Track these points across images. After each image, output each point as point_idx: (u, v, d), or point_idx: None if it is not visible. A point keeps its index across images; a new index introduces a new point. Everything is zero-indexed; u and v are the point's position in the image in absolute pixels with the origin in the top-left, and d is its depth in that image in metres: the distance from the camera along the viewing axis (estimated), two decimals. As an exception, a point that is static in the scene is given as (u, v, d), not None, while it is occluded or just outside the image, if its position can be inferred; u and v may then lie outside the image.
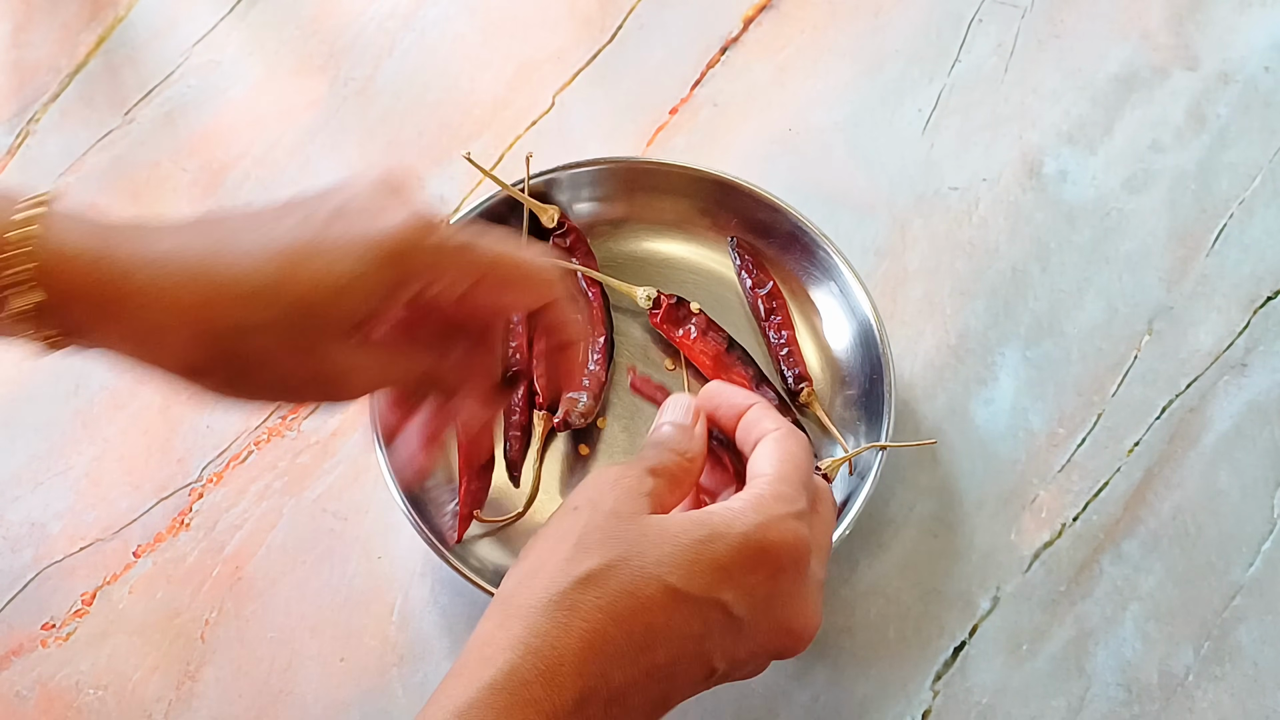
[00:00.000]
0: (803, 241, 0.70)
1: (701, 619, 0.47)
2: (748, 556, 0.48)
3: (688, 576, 0.47)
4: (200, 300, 0.46)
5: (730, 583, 0.47)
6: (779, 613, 0.49)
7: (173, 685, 0.63)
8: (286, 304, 0.46)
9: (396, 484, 0.62)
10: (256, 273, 0.46)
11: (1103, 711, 0.64)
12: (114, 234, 0.46)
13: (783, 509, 0.49)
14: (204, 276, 0.46)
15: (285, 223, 0.47)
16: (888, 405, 0.65)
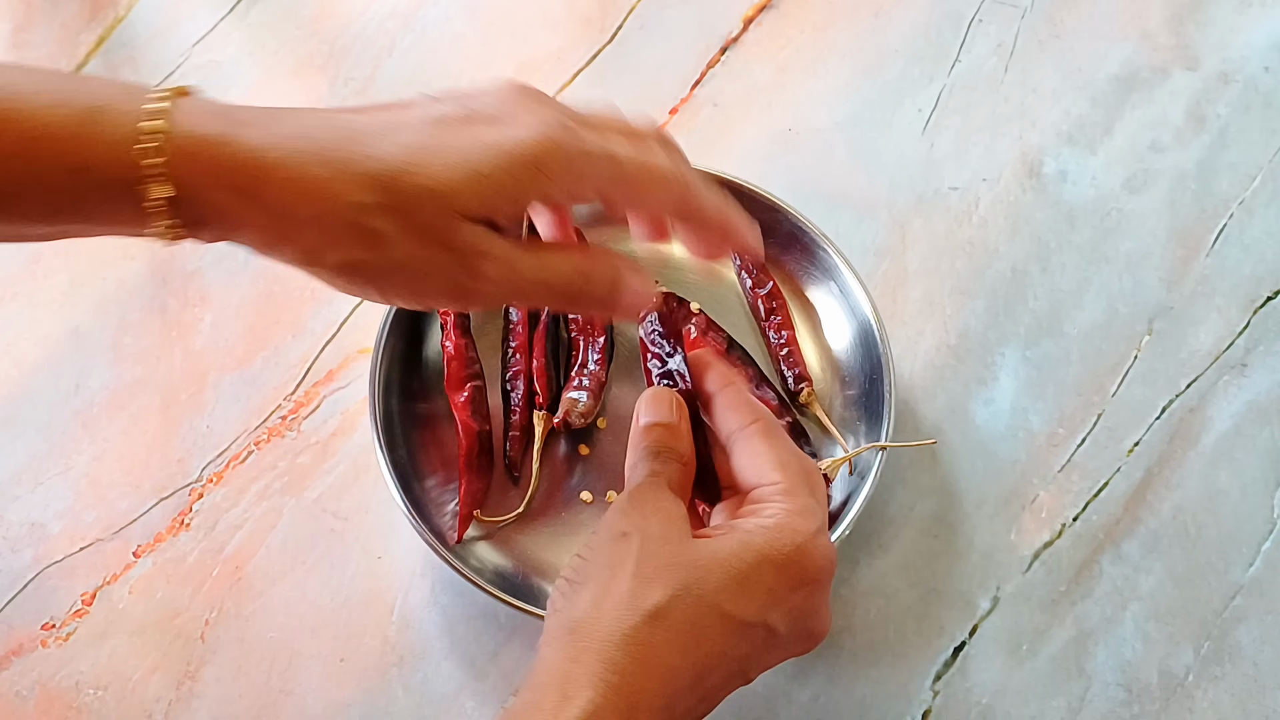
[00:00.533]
0: (803, 241, 0.70)
1: (749, 640, 0.49)
2: (792, 578, 0.50)
3: (744, 604, 0.49)
4: (325, 179, 0.45)
5: (777, 605, 0.49)
6: (810, 624, 0.51)
7: (173, 685, 0.63)
8: (412, 187, 0.45)
9: (396, 484, 0.62)
10: (384, 158, 0.45)
11: (1103, 711, 0.64)
12: (241, 120, 0.46)
13: (813, 525, 0.51)
14: (330, 158, 0.45)
15: (414, 116, 0.47)
16: (888, 405, 0.65)
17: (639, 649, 0.47)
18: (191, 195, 0.44)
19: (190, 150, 0.44)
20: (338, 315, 0.73)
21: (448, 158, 0.45)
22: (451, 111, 0.47)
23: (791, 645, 0.51)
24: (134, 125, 0.44)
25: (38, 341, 0.71)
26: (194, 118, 0.45)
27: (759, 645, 0.50)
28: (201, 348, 0.71)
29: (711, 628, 0.48)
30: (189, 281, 0.73)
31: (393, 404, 0.65)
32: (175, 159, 0.44)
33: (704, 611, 0.48)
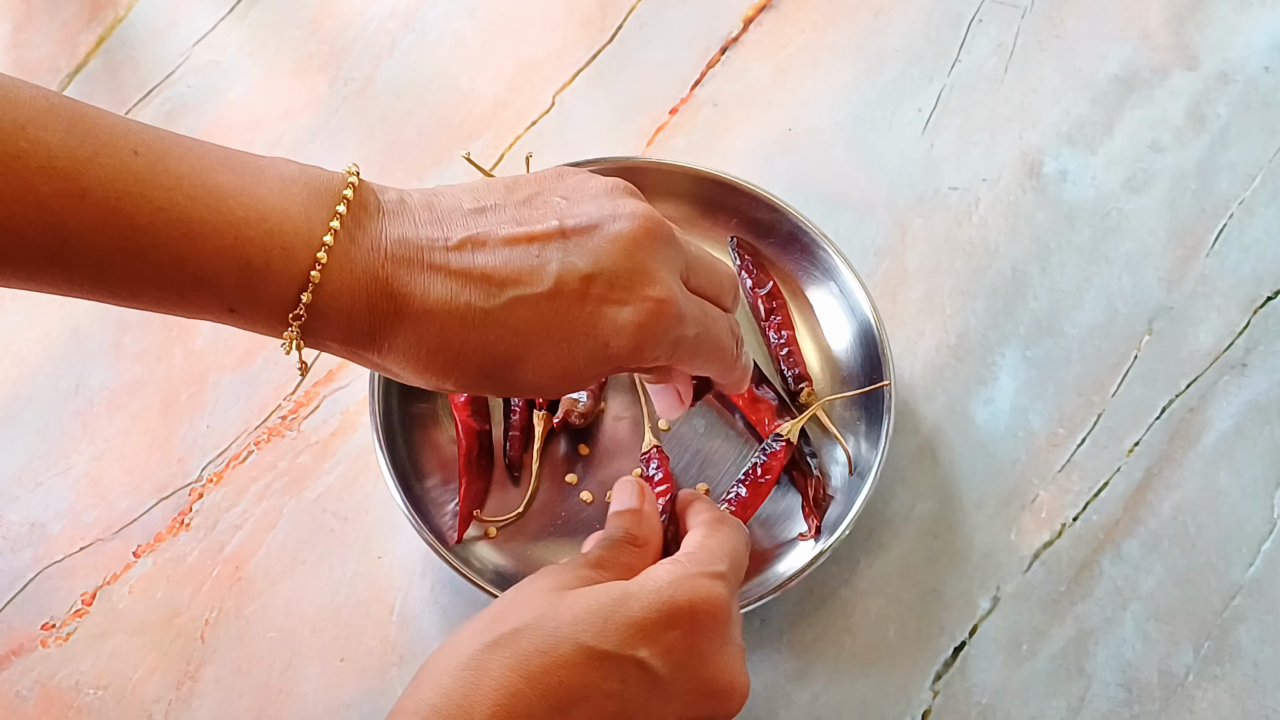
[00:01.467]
0: (803, 241, 0.70)
1: (619, 676, 0.46)
2: (663, 614, 0.47)
3: (601, 634, 0.46)
4: (437, 364, 0.47)
5: (646, 640, 0.47)
6: (701, 671, 0.48)
7: (173, 685, 0.63)
8: (511, 378, 0.48)
9: (396, 484, 0.62)
10: (495, 347, 0.47)
11: (1103, 711, 0.64)
12: (381, 296, 0.46)
13: (697, 569, 0.50)
14: (448, 346, 0.47)
15: (538, 286, 0.47)
16: (888, 405, 0.65)
17: (471, 674, 0.45)
18: (326, 339, 0.47)
19: (331, 316, 0.46)
20: (338, 315, 0.72)
21: (550, 356, 0.48)
22: (568, 278, 0.47)
23: (686, 696, 0.48)
24: (291, 291, 0.45)
25: (38, 341, 0.71)
26: (342, 288, 0.46)
27: (635, 684, 0.47)
28: (201, 348, 0.71)
29: (566, 656, 0.46)
30: (189, 281, 0.73)
31: (392, 404, 0.65)
32: (317, 318, 0.46)
33: (557, 641, 0.46)
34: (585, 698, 0.46)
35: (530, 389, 0.49)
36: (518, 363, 0.47)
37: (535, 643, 0.46)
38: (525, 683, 0.45)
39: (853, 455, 0.67)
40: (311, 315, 0.46)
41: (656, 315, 0.48)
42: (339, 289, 0.46)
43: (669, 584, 0.48)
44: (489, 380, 0.48)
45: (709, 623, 0.48)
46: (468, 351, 0.47)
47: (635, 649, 0.46)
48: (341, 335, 0.47)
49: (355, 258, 0.46)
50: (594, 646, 0.46)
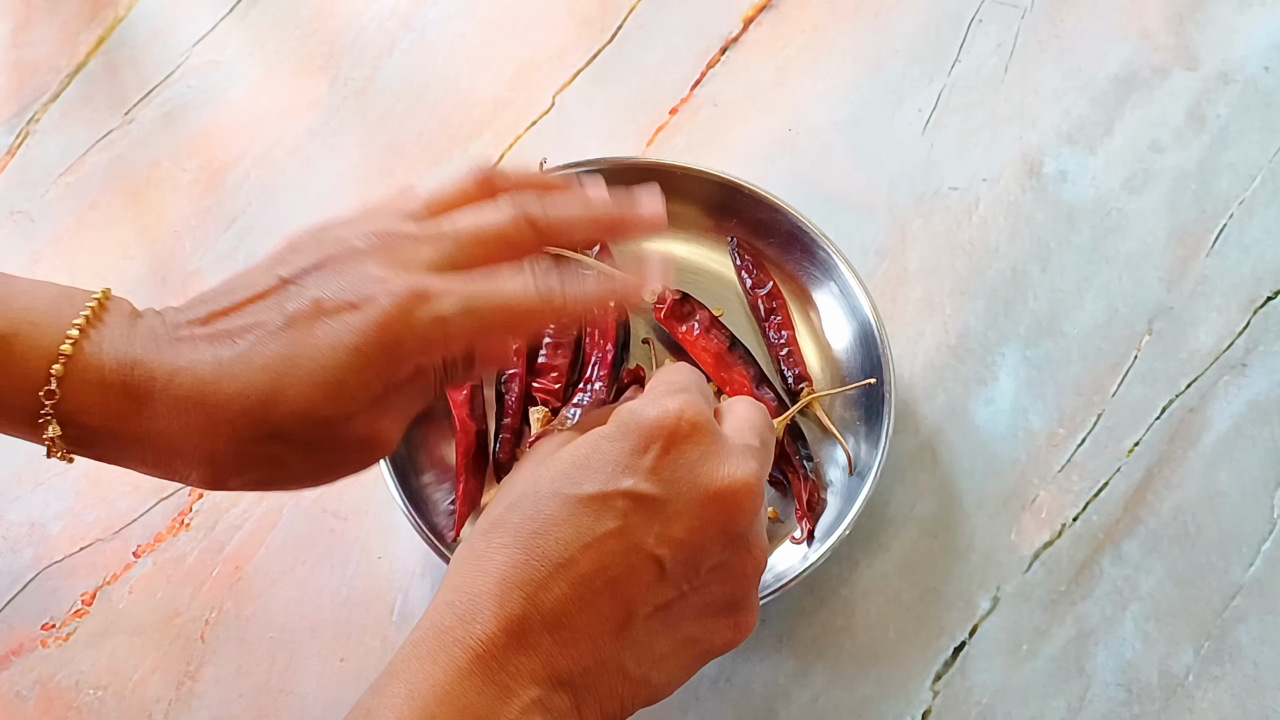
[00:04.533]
0: (803, 242, 0.70)
1: (611, 511, 0.46)
2: (635, 439, 0.47)
3: (580, 480, 0.46)
4: (200, 427, 0.46)
5: (627, 470, 0.46)
6: (694, 478, 0.47)
7: (173, 685, 0.63)
8: (280, 418, 0.46)
9: (396, 483, 0.62)
10: (247, 391, 0.46)
11: (1103, 711, 0.64)
12: (138, 362, 0.47)
13: (656, 393, 0.49)
14: (204, 401, 0.46)
15: (269, 324, 0.47)
16: (888, 405, 0.65)
17: (473, 561, 0.46)
18: (81, 436, 0.48)
19: (81, 403, 0.47)
20: (338, 315, 0.72)
21: (303, 376, 0.46)
22: (299, 309, 0.47)
23: (690, 505, 0.46)
24: (39, 369, 0.46)
25: (38, 341, 0.71)
26: (94, 369, 0.46)
27: (633, 514, 0.46)
28: (201, 348, 0.71)
29: (553, 514, 0.45)
30: (189, 281, 0.73)
31: (393, 404, 0.65)
32: (69, 407, 0.47)
33: (542, 503, 0.46)
34: (585, 544, 0.45)
35: (306, 424, 0.47)
36: (279, 396, 0.46)
37: (524, 512, 0.46)
38: (523, 552, 0.45)
39: (852, 455, 0.67)
40: (65, 394, 0.46)
41: (396, 305, 0.47)
42: (90, 363, 0.46)
43: (633, 412, 0.48)
44: (257, 432, 0.46)
45: (684, 430, 0.47)
46: (224, 400, 0.46)
47: (620, 481, 0.46)
48: (98, 416, 0.47)
49: (106, 338, 0.47)
50: (578, 494, 0.46)
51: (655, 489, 0.46)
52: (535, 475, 0.48)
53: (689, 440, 0.47)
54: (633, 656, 0.46)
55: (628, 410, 0.48)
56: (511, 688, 0.43)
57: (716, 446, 0.48)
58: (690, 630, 0.48)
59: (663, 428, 0.47)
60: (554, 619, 0.44)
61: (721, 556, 0.47)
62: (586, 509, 0.46)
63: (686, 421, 0.47)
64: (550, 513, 0.46)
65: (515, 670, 0.43)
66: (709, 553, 0.47)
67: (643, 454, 0.47)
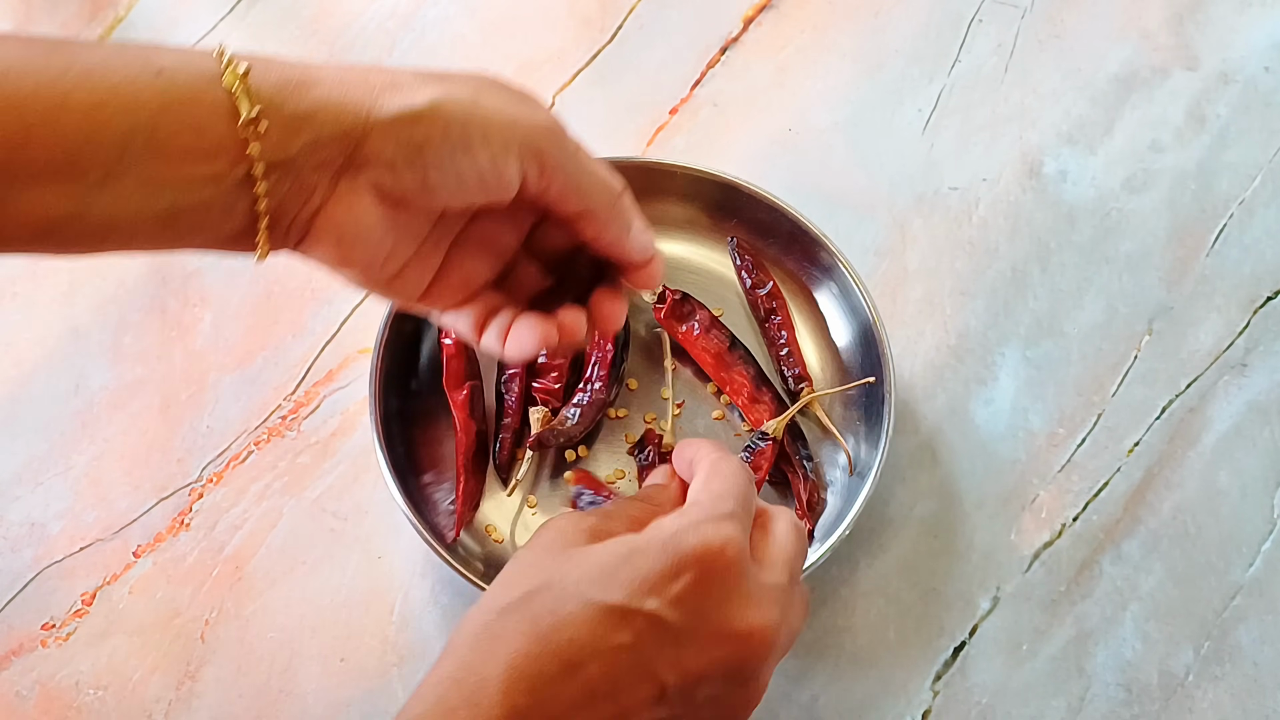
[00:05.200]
0: (803, 242, 0.70)
1: (629, 629, 0.46)
2: (671, 563, 0.47)
3: (609, 589, 0.46)
4: (413, 153, 0.46)
5: (655, 591, 0.46)
6: (715, 616, 0.47)
7: (173, 685, 0.63)
8: (465, 155, 0.47)
9: (397, 483, 0.62)
10: (452, 134, 0.46)
11: (1103, 711, 0.64)
12: (347, 93, 0.46)
13: (702, 515, 0.48)
14: (414, 140, 0.46)
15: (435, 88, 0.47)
16: (888, 405, 0.65)
17: (486, 642, 0.46)
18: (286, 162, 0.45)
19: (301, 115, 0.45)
20: (338, 315, 0.73)
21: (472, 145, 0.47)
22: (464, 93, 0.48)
23: (705, 642, 0.47)
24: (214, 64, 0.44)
25: (38, 341, 0.71)
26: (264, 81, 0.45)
27: (647, 636, 0.46)
28: (201, 348, 0.71)
29: (574, 614, 0.45)
30: (189, 281, 0.73)
31: (392, 404, 0.65)
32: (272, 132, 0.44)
33: (564, 599, 0.46)
34: (598, 652, 0.45)
35: (480, 168, 0.47)
36: (468, 142, 0.47)
37: (545, 604, 0.46)
38: (537, 644, 0.45)
39: (852, 455, 0.67)
40: (273, 125, 0.44)
41: (549, 122, 0.49)
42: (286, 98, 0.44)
43: (675, 533, 0.47)
44: (450, 157, 0.47)
45: (719, 566, 0.47)
46: (432, 140, 0.46)
47: (644, 601, 0.46)
48: (310, 151, 0.45)
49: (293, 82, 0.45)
50: (602, 602, 0.46)
51: (675, 617, 0.46)
52: (563, 568, 0.47)
53: (721, 578, 0.47)
54: None
55: (670, 531, 0.48)
56: None
57: (746, 588, 0.48)
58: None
59: (701, 560, 0.47)
60: (554, 716, 0.45)
61: (720, 690, 0.48)
62: (606, 620, 0.46)
63: (725, 559, 0.47)
64: (570, 612, 0.46)
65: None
66: (710, 684, 0.47)
67: (673, 580, 0.46)
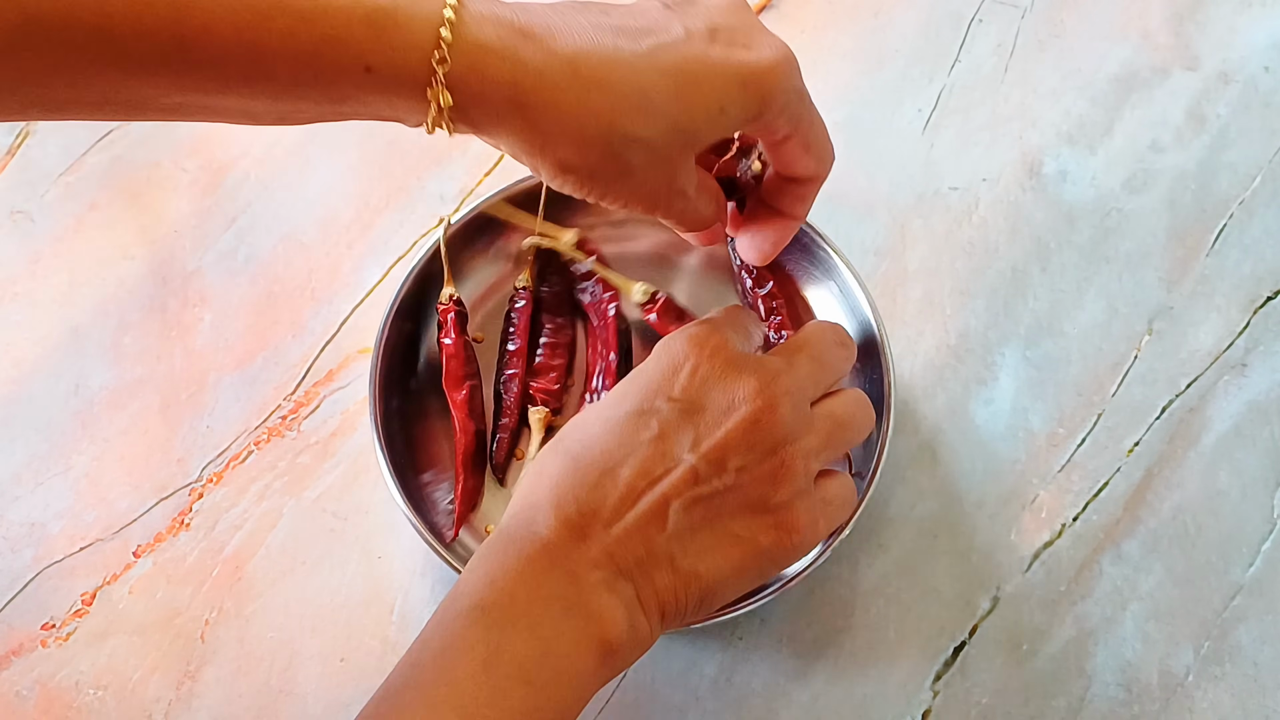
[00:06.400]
0: (803, 241, 0.70)
1: (645, 425, 0.52)
2: (665, 367, 0.53)
3: (622, 401, 0.53)
4: (605, 107, 0.48)
5: (659, 393, 0.52)
6: (717, 391, 0.53)
7: (173, 685, 0.63)
8: (673, 121, 0.49)
9: (396, 484, 0.62)
10: (652, 89, 0.48)
11: (1103, 711, 0.64)
12: (524, 31, 0.47)
13: (686, 326, 0.55)
14: (610, 85, 0.48)
15: (672, 36, 0.50)
16: (888, 405, 0.65)
17: (533, 475, 0.52)
18: (468, 103, 0.47)
19: (474, 64, 0.46)
20: (338, 315, 0.73)
21: (703, 94, 0.50)
22: (695, 27, 0.50)
23: (716, 415, 0.52)
24: (427, 34, 0.46)
25: (38, 341, 0.71)
26: (481, 28, 0.47)
27: (665, 427, 0.51)
28: (201, 348, 0.71)
29: (600, 429, 0.52)
30: (189, 281, 0.73)
31: (392, 404, 0.65)
32: (458, 70, 0.46)
33: (589, 424, 0.52)
34: (626, 454, 0.51)
35: (677, 139, 0.50)
36: (673, 103, 0.49)
37: (572, 436, 0.53)
38: (573, 462, 0.51)
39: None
40: (457, 58, 0.46)
41: (785, 58, 0.51)
42: (479, 24, 0.46)
43: (663, 344, 0.54)
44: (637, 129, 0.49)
45: (709, 353, 0.53)
46: (623, 91, 0.48)
47: (652, 402, 0.52)
48: (493, 81, 0.47)
49: (486, 8, 0.47)
50: (615, 415, 0.52)
51: (686, 404, 0.52)
52: (587, 409, 0.54)
53: (714, 359, 0.53)
54: (679, 547, 0.50)
55: (660, 344, 0.55)
56: (578, 573, 0.49)
57: (741, 362, 0.53)
58: (731, 527, 0.52)
59: (688, 354, 0.53)
60: (605, 516, 0.50)
61: (747, 459, 0.52)
62: (627, 423, 0.52)
63: (712, 344, 0.53)
64: (597, 429, 0.52)
65: (579, 558, 0.49)
66: (735, 453, 0.51)
67: (673, 377, 0.53)
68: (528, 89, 0.47)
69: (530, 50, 0.47)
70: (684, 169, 0.52)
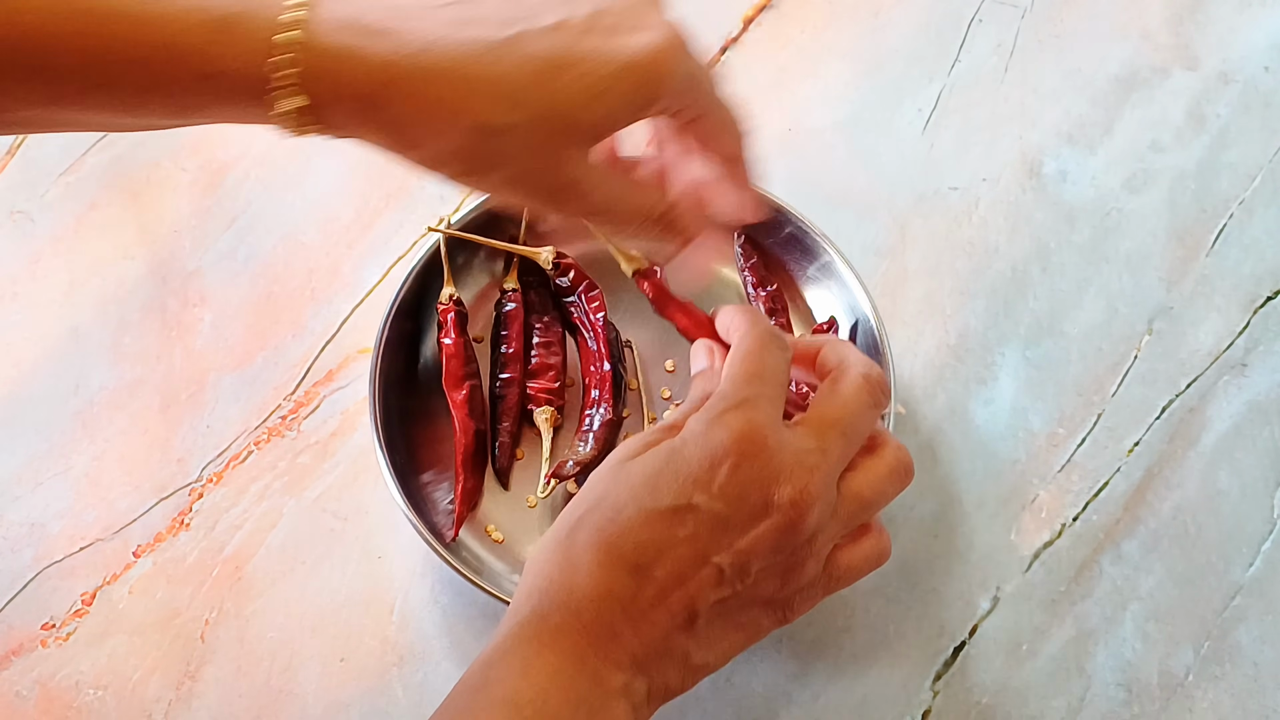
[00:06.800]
0: (803, 242, 0.70)
1: (681, 524, 0.50)
2: (704, 460, 0.50)
3: (656, 494, 0.50)
4: (459, 99, 0.46)
5: (697, 487, 0.50)
6: (753, 494, 0.50)
7: (173, 685, 0.63)
8: (539, 109, 0.46)
9: (396, 484, 0.62)
10: (513, 76, 0.46)
11: (1103, 711, 0.64)
12: (373, 29, 0.45)
13: (725, 405, 0.52)
14: (463, 76, 0.46)
15: (542, 24, 0.47)
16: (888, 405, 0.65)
17: (562, 554, 0.50)
18: (319, 105, 0.45)
19: (322, 64, 0.45)
20: (338, 315, 0.73)
21: (570, 81, 0.46)
22: (572, 16, 0.47)
23: (748, 520, 0.50)
24: (268, 39, 0.44)
25: (38, 341, 0.71)
26: (328, 28, 0.45)
27: (701, 526, 0.50)
28: (201, 348, 0.71)
29: (632, 521, 0.50)
30: (189, 281, 0.73)
31: (392, 403, 0.65)
32: (307, 72, 0.44)
33: (621, 510, 0.50)
34: (661, 550, 0.49)
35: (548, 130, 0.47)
36: (532, 91, 0.46)
37: (606, 515, 0.50)
38: (606, 553, 0.50)
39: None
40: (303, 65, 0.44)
41: (671, 41, 0.49)
42: (326, 27, 0.45)
43: (703, 430, 0.51)
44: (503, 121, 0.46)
45: (749, 450, 0.51)
46: (481, 82, 0.46)
47: (690, 497, 0.50)
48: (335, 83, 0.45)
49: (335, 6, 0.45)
50: (653, 507, 0.50)
51: (721, 506, 0.50)
52: (616, 480, 0.52)
53: (751, 459, 0.51)
54: (695, 645, 0.50)
55: (700, 427, 0.51)
56: (604, 674, 0.48)
57: (777, 463, 0.51)
58: (739, 619, 0.52)
59: (729, 449, 0.50)
60: (636, 615, 0.49)
61: (769, 561, 0.51)
62: (660, 521, 0.50)
63: (753, 441, 0.51)
64: (628, 520, 0.50)
65: (606, 658, 0.49)
66: (759, 557, 0.51)
67: (712, 472, 0.50)
68: (378, 89, 0.45)
69: (380, 48, 0.45)
70: (570, 160, 0.48)
